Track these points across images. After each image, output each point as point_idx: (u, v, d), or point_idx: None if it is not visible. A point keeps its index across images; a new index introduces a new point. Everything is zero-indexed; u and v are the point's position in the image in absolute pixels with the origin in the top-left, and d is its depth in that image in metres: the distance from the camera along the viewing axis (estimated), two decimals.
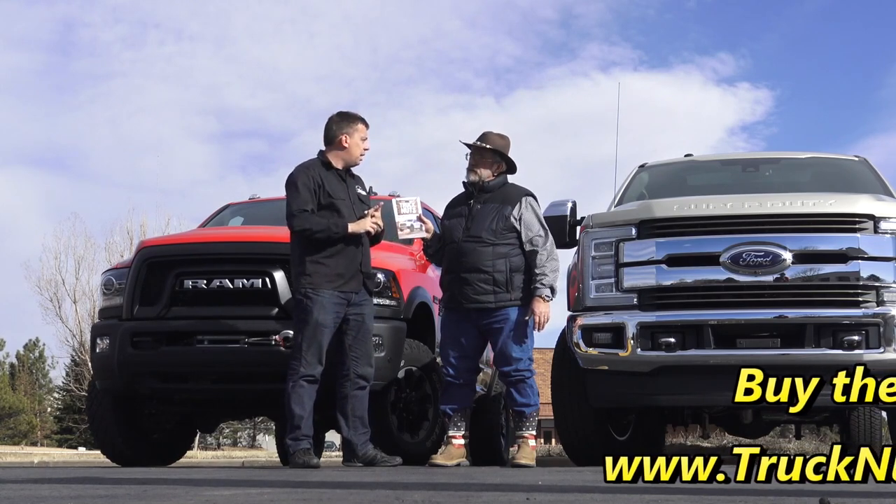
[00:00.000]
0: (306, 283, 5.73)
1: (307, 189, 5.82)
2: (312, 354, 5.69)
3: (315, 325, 5.69)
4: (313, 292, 5.71)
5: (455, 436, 6.13)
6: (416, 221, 6.12)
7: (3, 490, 3.62)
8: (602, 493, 3.31)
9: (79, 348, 37.00)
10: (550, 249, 6.04)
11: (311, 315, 5.70)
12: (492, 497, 3.12)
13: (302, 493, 3.44)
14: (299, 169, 5.93)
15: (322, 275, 5.73)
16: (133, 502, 2.99)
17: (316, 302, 5.70)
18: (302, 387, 5.69)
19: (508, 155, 6.20)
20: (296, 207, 5.78)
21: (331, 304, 5.73)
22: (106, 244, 37.41)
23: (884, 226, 5.84)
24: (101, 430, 7.21)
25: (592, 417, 6.48)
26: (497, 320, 5.94)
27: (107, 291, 6.94)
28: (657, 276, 5.97)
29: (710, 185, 7.90)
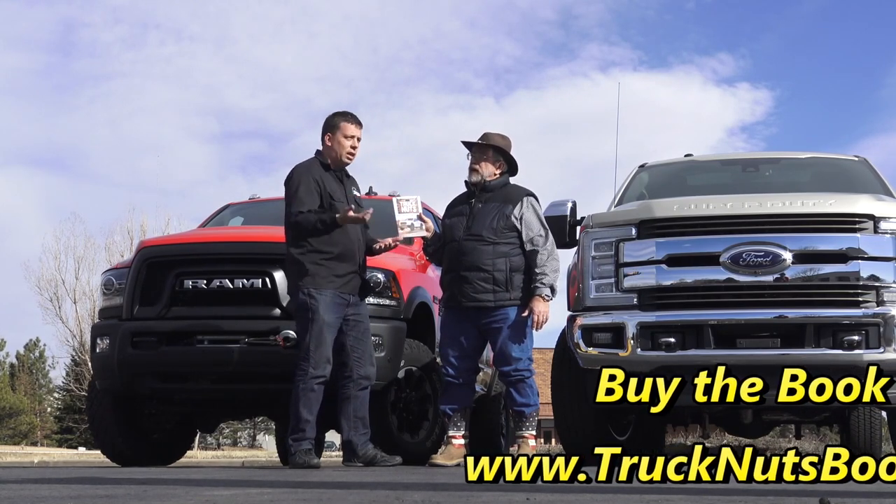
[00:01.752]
0: (309, 283, 5.71)
1: (308, 190, 5.80)
2: (321, 354, 5.66)
3: (322, 323, 5.66)
4: (317, 292, 5.69)
5: (455, 436, 6.13)
6: (416, 220, 6.12)
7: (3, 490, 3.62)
8: (602, 493, 3.31)
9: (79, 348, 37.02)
10: (551, 249, 6.04)
11: (317, 314, 5.66)
12: (492, 497, 3.12)
13: (302, 493, 3.44)
14: (300, 170, 5.91)
15: (323, 276, 5.72)
16: (133, 502, 2.99)
17: (321, 301, 5.68)
18: (313, 390, 5.65)
19: (510, 155, 6.20)
20: (296, 210, 5.77)
21: (334, 304, 5.73)
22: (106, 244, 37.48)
23: (884, 226, 5.84)
24: (101, 430, 7.21)
25: (592, 417, 6.48)
26: (496, 320, 5.94)
27: (107, 291, 6.94)
28: (657, 276, 5.97)
29: (710, 185, 7.89)
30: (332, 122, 5.97)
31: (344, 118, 5.97)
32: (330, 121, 5.98)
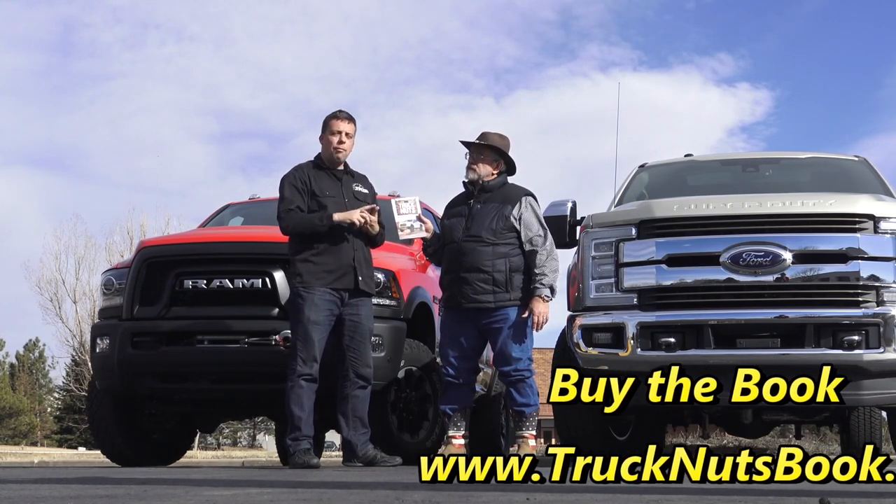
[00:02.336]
0: (298, 283, 5.78)
1: (294, 189, 5.90)
2: (307, 353, 5.71)
3: (307, 323, 5.71)
4: (305, 290, 5.74)
5: (455, 436, 6.13)
6: (415, 221, 6.13)
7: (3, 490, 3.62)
8: (602, 493, 3.31)
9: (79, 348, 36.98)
10: (550, 249, 6.04)
11: (302, 314, 5.73)
12: (492, 497, 3.12)
13: (302, 493, 3.44)
14: (288, 172, 6.02)
15: (312, 273, 5.76)
16: (133, 502, 2.99)
17: (307, 300, 5.72)
18: (301, 387, 5.70)
19: (508, 154, 6.20)
20: (282, 209, 5.89)
21: (322, 302, 5.74)
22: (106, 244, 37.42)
23: (884, 226, 5.84)
24: (101, 430, 7.21)
25: (592, 417, 6.48)
26: (496, 320, 5.94)
27: (107, 291, 6.94)
28: (657, 276, 5.97)
29: (710, 185, 7.89)
30: (324, 120, 6.05)
31: (332, 115, 6.05)
32: (323, 120, 6.05)
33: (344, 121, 6.00)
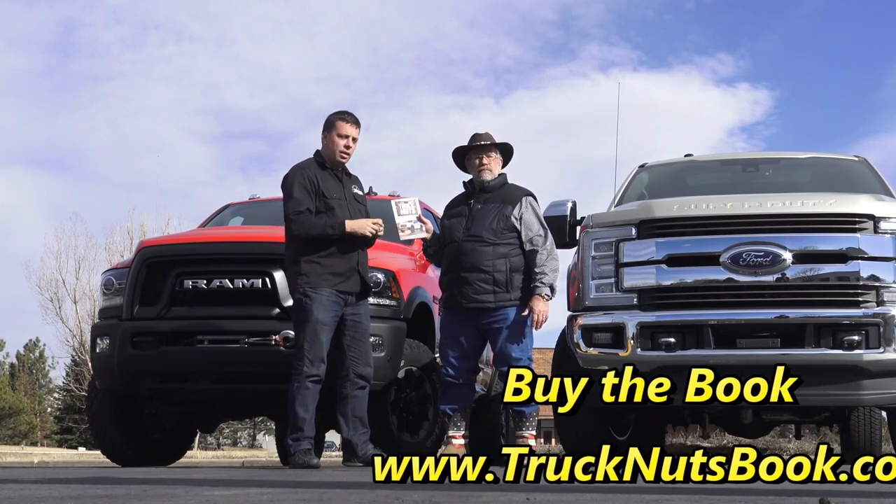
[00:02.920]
0: (304, 283, 5.72)
1: (303, 190, 5.82)
2: (315, 354, 5.68)
3: (315, 323, 5.68)
4: (312, 291, 5.70)
5: (455, 436, 6.13)
6: (416, 222, 6.13)
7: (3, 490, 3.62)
8: (602, 493, 3.31)
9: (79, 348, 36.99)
10: (550, 249, 6.05)
11: (310, 314, 5.69)
12: (492, 497, 3.12)
13: (302, 493, 3.44)
14: (295, 169, 5.94)
15: (318, 274, 5.73)
16: (133, 502, 2.99)
17: (315, 300, 5.69)
18: (307, 388, 5.67)
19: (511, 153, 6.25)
20: (292, 210, 5.79)
21: (329, 303, 5.73)
22: (106, 244, 37.44)
23: (884, 226, 5.84)
24: (101, 430, 7.21)
25: (592, 417, 6.48)
26: (497, 320, 5.94)
27: (107, 291, 6.94)
28: (657, 276, 5.96)
29: (710, 185, 7.89)
30: (329, 120, 6.00)
31: (339, 117, 5.98)
32: (328, 119, 6.01)
33: (351, 124, 5.97)
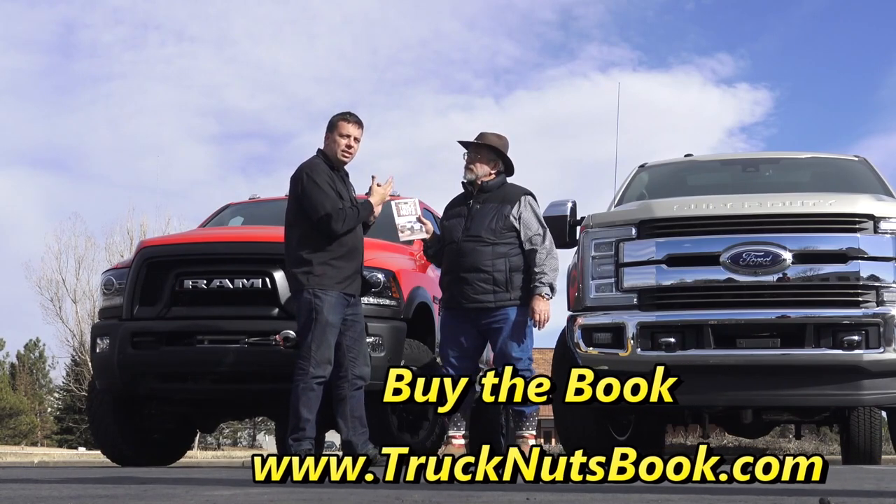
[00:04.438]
0: (315, 283, 5.67)
1: (331, 188, 5.74)
2: (322, 355, 5.63)
3: (325, 324, 5.63)
4: (322, 292, 5.66)
5: (455, 436, 6.13)
6: (415, 223, 6.12)
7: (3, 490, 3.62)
8: (602, 493, 3.31)
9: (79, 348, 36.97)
10: (550, 248, 6.04)
11: (321, 314, 5.62)
12: (492, 497, 3.12)
13: (302, 493, 3.44)
14: (313, 167, 5.82)
15: (331, 276, 5.69)
16: (133, 502, 2.99)
17: (325, 301, 5.65)
18: (313, 390, 5.62)
19: (506, 155, 6.20)
20: (330, 208, 5.65)
21: (338, 305, 5.70)
22: (106, 244, 37.39)
23: (884, 226, 5.84)
24: (101, 430, 7.21)
25: (592, 417, 6.48)
26: (497, 320, 5.94)
27: (107, 291, 6.94)
28: (657, 276, 5.96)
29: (710, 185, 7.89)
30: (332, 121, 5.97)
31: (342, 117, 5.95)
32: (331, 120, 5.99)
33: (354, 125, 5.94)
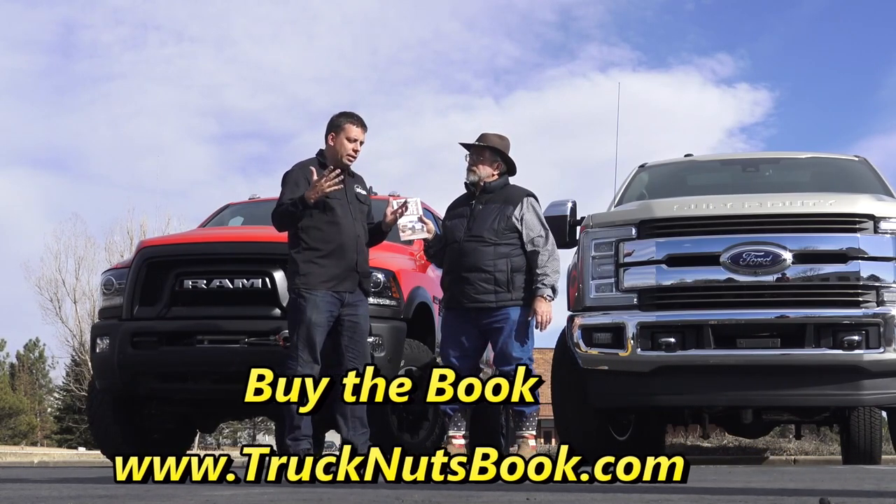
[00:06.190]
0: (300, 283, 5.71)
1: (295, 187, 5.78)
2: (308, 354, 5.67)
3: (309, 324, 5.66)
4: (307, 292, 5.69)
5: (455, 436, 6.13)
6: (417, 222, 6.12)
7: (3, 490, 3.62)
8: (602, 493, 3.31)
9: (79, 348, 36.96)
10: (552, 250, 6.04)
11: (304, 314, 5.67)
12: (492, 497, 3.12)
13: (302, 493, 3.44)
14: (293, 169, 5.91)
15: (316, 275, 5.71)
16: (133, 502, 2.99)
17: (309, 301, 5.68)
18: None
19: (508, 155, 6.20)
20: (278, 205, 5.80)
21: (324, 304, 5.71)
22: (106, 244, 37.39)
23: (884, 226, 5.84)
24: (101, 430, 7.21)
25: (592, 417, 6.48)
26: (498, 320, 5.94)
27: (107, 291, 6.94)
28: (657, 276, 5.96)
29: (710, 185, 7.90)
30: (336, 122, 5.94)
31: (349, 120, 5.93)
32: (335, 121, 5.95)
33: (361, 129, 5.92)
